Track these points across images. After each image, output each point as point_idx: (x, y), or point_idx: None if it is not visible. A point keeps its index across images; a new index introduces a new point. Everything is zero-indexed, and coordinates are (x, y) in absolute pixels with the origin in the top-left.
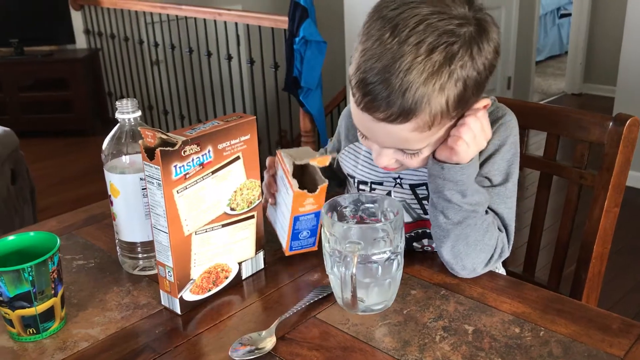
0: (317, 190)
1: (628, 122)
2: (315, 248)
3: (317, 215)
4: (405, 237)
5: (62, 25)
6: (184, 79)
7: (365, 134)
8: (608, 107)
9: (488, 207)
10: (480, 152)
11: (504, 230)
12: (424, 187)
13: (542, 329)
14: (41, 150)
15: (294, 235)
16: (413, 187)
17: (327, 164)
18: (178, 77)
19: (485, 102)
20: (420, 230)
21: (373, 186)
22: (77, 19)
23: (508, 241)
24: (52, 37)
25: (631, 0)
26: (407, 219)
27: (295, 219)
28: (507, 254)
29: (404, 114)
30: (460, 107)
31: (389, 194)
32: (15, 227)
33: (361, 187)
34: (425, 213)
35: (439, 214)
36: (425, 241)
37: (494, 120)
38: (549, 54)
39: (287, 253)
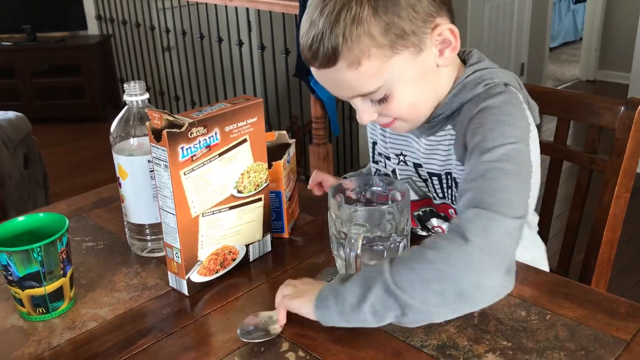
0: (272, 167)
1: None
2: (284, 234)
3: (278, 195)
4: (414, 215)
5: (74, 11)
6: (195, 65)
7: (327, 89)
8: (623, 94)
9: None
10: (459, 134)
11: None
12: (425, 170)
13: (549, 312)
14: (53, 136)
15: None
16: (415, 165)
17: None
18: (189, 63)
19: (448, 26)
20: (427, 209)
21: (385, 160)
22: (89, 5)
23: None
24: (65, 23)
25: None
26: (414, 196)
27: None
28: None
29: (330, 56)
30: (397, 37)
31: (394, 171)
32: (29, 210)
33: (379, 157)
34: (429, 193)
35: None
36: (434, 221)
37: (473, 86)
38: (563, 40)
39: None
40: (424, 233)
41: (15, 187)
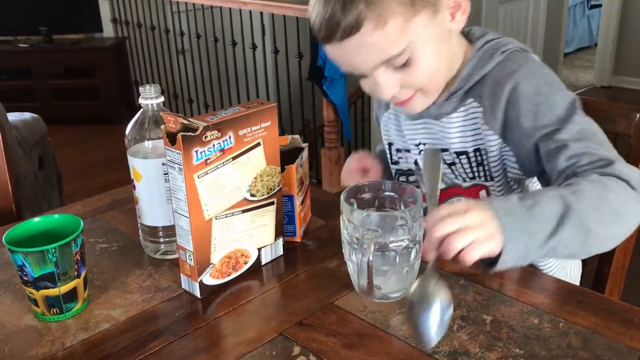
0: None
1: None
2: (296, 238)
3: (290, 199)
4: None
5: (90, 13)
6: (209, 68)
7: (347, 66)
8: (638, 101)
9: (569, 156)
10: (513, 118)
11: (615, 160)
12: (447, 152)
13: (562, 320)
14: (68, 137)
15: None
16: None
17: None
18: (203, 66)
19: None
20: (455, 199)
21: (405, 154)
22: (104, 7)
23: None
24: (80, 25)
25: None
26: (441, 185)
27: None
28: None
29: (354, 22)
30: None
31: (416, 162)
32: (43, 211)
33: (398, 154)
34: (457, 179)
35: (584, 239)
36: None
37: (502, 70)
38: (578, 46)
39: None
40: None
41: (30, 187)
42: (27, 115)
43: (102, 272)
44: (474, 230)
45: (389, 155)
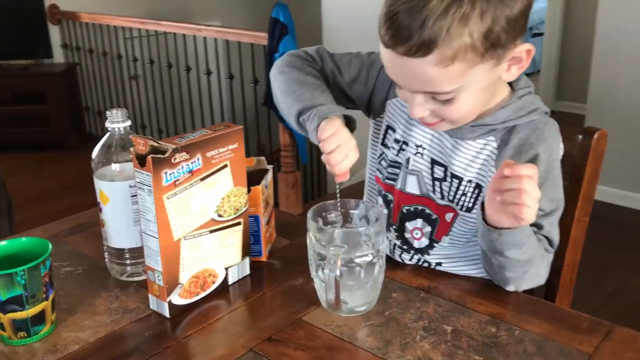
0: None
1: (596, 135)
2: (262, 258)
3: (256, 219)
4: (403, 211)
5: (39, 39)
6: (163, 94)
7: (393, 77)
8: (579, 124)
9: (542, 234)
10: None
11: (551, 252)
12: (442, 169)
13: (517, 328)
14: (18, 164)
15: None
16: (433, 162)
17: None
18: (157, 91)
19: (527, 46)
20: (420, 207)
21: (402, 146)
22: (54, 33)
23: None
24: (29, 51)
25: (600, 21)
26: (415, 190)
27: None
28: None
29: (424, 46)
30: (491, 45)
31: (408, 160)
32: None
33: (392, 144)
34: (434, 193)
35: (497, 268)
36: (418, 222)
37: (534, 132)
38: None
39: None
40: (408, 227)
41: None
42: None
43: (69, 295)
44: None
45: (380, 136)
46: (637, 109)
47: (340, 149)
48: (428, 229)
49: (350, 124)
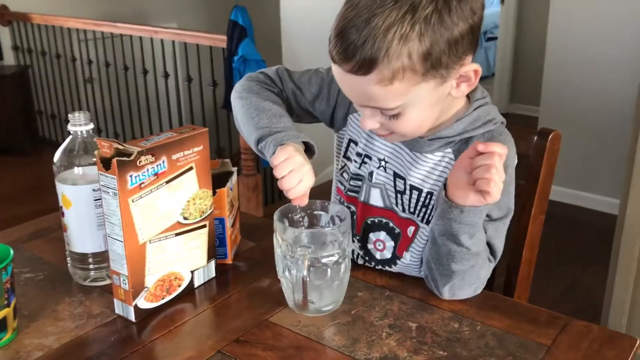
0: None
1: (551, 135)
2: (228, 260)
3: (222, 222)
4: (367, 222)
5: None
6: (119, 97)
7: (343, 91)
8: (533, 126)
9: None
10: None
11: (493, 261)
12: (402, 182)
13: (479, 323)
14: None
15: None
16: (395, 175)
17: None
18: (113, 95)
19: (474, 67)
20: (384, 220)
21: (364, 159)
22: (4, 35)
23: (490, 264)
24: None
25: (552, 25)
26: (379, 203)
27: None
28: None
29: (365, 65)
30: (432, 66)
31: (371, 173)
32: None
33: (355, 155)
34: (397, 206)
35: (445, 257)
36: (381, 234)
37: (484, 121)
38: None
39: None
40: (372, 238)
41: None
42: None
43: (30, 302)
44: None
45: (342, 148)
46: (589, 110)
47: (293, 173)
48: (391, 243)
49: (309, 149)
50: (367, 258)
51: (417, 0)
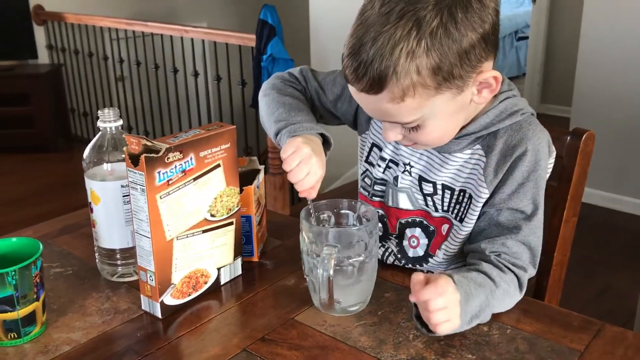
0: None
1: (584, 136)
2: (254, 258)
3: (248, 219)
4: (401, 222)
5: (24, 40)
6: (149, 95)
7: (361, 107)
8: (564, 127)
9: (519, 241)
10: (506, 179)
11: (528, 269)
12: (431, 185)
13: (509, 327)
14: (2, 166)
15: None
16: (420, 179)
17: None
18: (143, 93)
19: (494, 73)
20: (418, 219)
21: (389, 164)
22: (39, 34)
23: (534, 267)
24: (14, 52)
25: (585, 24)
26: (408, 206)
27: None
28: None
29: (375, 85)
30: (444, 79)
31: (396, 178)
32: None
33: (378, 162)
34: (428, 207)
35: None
36: (417, 230)
37: (517, 133)
38: (508, 75)
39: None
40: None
41: None
42: None
43: (59, 296)
44: (442, 312)
45: (365, 153)
46: (622, 111)
47: (300, 166)
48: (425, 240)
49: (326, 141)
50: (399, 256)
51: (421, 15)
